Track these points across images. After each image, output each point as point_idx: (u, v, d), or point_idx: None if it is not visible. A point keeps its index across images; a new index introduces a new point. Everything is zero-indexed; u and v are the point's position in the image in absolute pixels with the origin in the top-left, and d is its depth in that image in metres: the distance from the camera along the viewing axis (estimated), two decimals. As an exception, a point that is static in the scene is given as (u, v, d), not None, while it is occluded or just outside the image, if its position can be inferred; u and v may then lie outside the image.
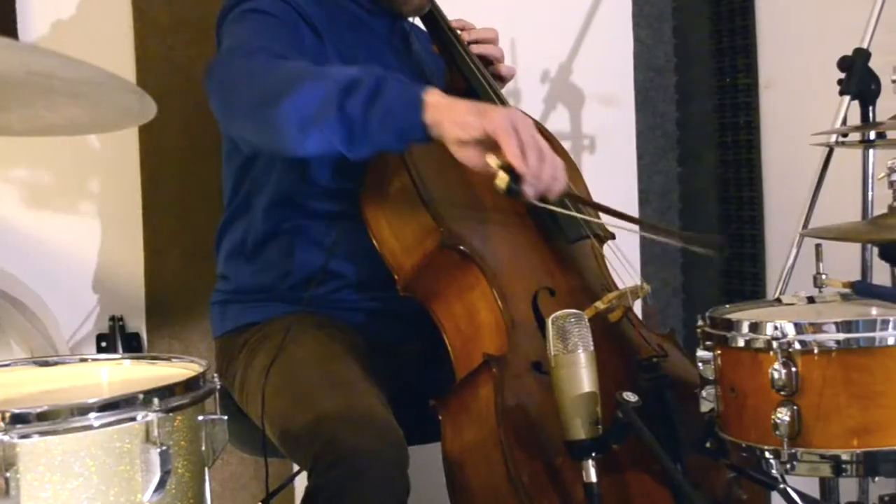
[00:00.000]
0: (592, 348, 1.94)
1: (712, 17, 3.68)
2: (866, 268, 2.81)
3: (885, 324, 1.86)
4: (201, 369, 1.75)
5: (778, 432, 1.87)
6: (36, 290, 2.92)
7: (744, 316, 2.03)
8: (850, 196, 2.80)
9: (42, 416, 1.51)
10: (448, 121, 2.01)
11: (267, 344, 2.34)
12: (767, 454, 1.91)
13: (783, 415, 1.86)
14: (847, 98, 2.72)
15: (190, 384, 1.68)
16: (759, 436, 1.92)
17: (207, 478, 1.73)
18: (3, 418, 1.49)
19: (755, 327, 1.93)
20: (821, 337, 1.87)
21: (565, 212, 2.23)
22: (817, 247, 2.20)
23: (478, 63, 2.55)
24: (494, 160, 2.00)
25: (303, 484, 2.06)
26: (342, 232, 2.38)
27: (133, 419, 1.57)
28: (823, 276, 2.20)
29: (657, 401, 2.08)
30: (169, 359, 1.91)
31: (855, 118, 2.73)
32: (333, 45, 2.40)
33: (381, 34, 2.54)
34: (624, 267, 2.37)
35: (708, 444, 2.03)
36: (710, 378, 2.00)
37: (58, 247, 2.99)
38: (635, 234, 2.46)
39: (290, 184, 2.40)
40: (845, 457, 1.86)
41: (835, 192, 2.80)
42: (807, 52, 3.38)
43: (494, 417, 2.05)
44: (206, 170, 2.75)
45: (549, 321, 1.95)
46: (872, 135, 2.62)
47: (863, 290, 2.16)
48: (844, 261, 2.68)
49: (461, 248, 2.23)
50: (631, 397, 1.91)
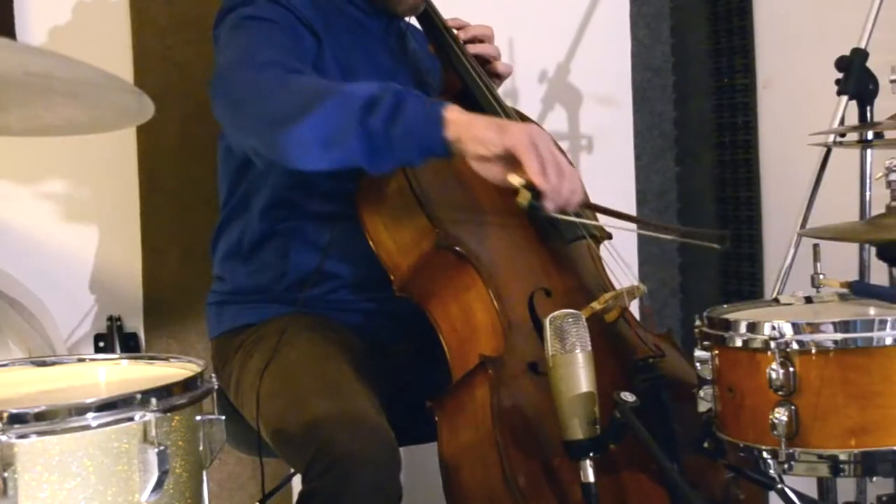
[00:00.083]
0: (590, 348, 1.94)
1: (710, 17, 3.68)
2: (864, 268, 2.81)
3: (882, 324, 1.85)
4: (199, 369, 1.75)
5: (776, 432, 1.87)
6: (34, 291, 2.92)
7: (741, 316, 2.03)
8: (848, 196, 2.80)
9: (40, 416, 1.51)
10: (469, 137, 2.04)
11: (262, 345, 2.35)
12: (765, 454, 1.91)
13: (781, 415, 1.86)
14: (845, 98, 2.71)
15: (188, 384, 1.68)
16: (756, 436, 1.92)
17: (205, 478, 1.73)
18: (0, 418, 1.49)
19: (753, 327, 1.93)
20: (818, 337, 1.87)
21: (563, 217, 2.23)
22: (815, 247, 2.20)
23: (473, 62, 2.55)
24: (517, 179, 2.04)
25: (300, 484, 2.06)
26: (338, 233, 2.38)
27: (131, 419, 1.57)
28: (821, 276, 2.19)
29: (654, 401, 2.08)
30: (167, 359, 1.91)
31: (853, 118, 2.72)
32: (330, 47, 2.40)
33: (377, 35, 2.54)
34: (620, 267, 2.37)
35: (706, 444, 2.02)
36: (708, 378, 2.00)
37: (56, 247, 2.98)
38: (633, 234, 2.46)
39: (286, 185, 2.40)
40: (843, 457, 1.86)
41: (833, 193, 2.80)
42: (804, 53, 3.38)
43: (490, 418, 2.05)
44: (204, 170, 2.75)
45: (547, 321, 1.95)
46: (870, 135, 2.62)
47: (860, 290, 2.16)
48: (842, 261, 2.68)
49: (457, 248, 2.23)
50: (628, 397, 1.91)
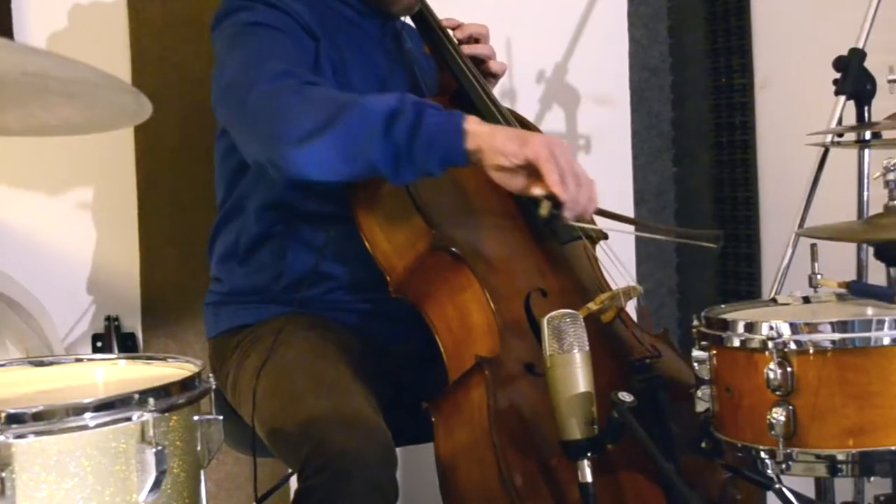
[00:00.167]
0: (588, 348, 1.94)
1: (707, 17, 3.68)
2: (862, 268, 2.81)
3: (880, 324, 1.85)
4: (197, 369, 1.75)
5: (773, 432, 1.87)
6: (32, 291, 2.92)
7: (739, 316, 2.03)
8: (846, 196, 2.80)
9: (38, 416, 1.51)
10: (489, 148, 2.08)
11: (259, 345, 2.35)
12: (763, 454, 1.91)
13: (778, 415, 1.86)
14: (842, 98, 2.71)
15: (185, 384, 1.68)
16: (754, 436, 1.92)
17: (203, 478, 1.73)
18: (-2, 418, 1.49)
19: (750, 327, 1.93)
20: (816, 337, 1.87)
21: (579, 224, 2.24)
22: (813, 247, 2.20)
23: (468, 63, 2.55)
24: (540, 190, 2.09)
25: (296, 484, 2.06)
26: (334, 234, 2.38)
27: (128, 419, 1.57)
28: (819, 276, 2.19)
29: (651, 401, 2.08)
30: (164, 359, 1.91)
31: (850, 118, 2.72)
32: (325, 48, 2.40)
33: (372, 35, 2.54)
34: (617, 268, 2.37)
35: (703, 444, 2.02)
36: (706, 378, 2.00)
37: (53, 247, 2.98)
38: (630, 234, 2.46)
39: (282, 186, 2.39)
40: (841, 457, 1.86)
41: (830, 193, 2.80)
42: (802, 52, 3.38)
43: (487, 419, 2.05)
44: (201, 170, 2.75)
45: (545, 321, 1.95)
46: (868, 135, 2.62)
47: (858, 290, 2.16)
48: (840, 261, 2.68)
49: (453, 249, 2.23)
50: (626, 397, 1.91)
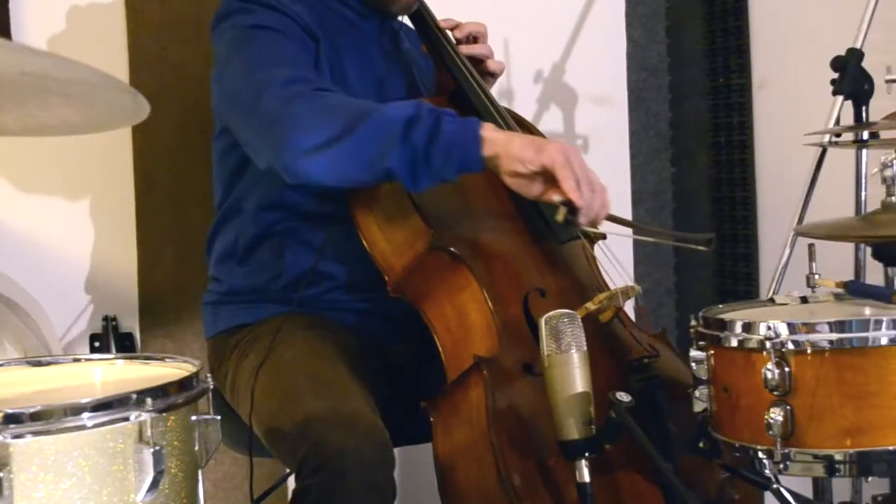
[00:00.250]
0: (586, 348, 1.94)
1: (706, 18, 3.68)
2: (859, 268, 2.81)
3: (878, 324, 1.85)
4: (195, 369, 1.75)
5: (771, 432, 1.87)
6: (29, 291, 2.91)
7: (737, 316, 2.03)
8: (844, 196, 2.80)
9: (35, 416, 1.50)
10: (506, 155, 2.11)
11: (257, 345, 2.35)
12: (760, 454, 1.91)
13: (776, 415, 1.86)
14: (840, 98, 2.71)
15: (183, 384, 1.68)
16: (752, 436, 1.92)
17: (201, 478, 1.73)
18: (-4, 418, 1.49)
19: (748, 327, 1.93)
20: (814, 337, 1.87)
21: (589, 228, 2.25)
22: (810, 247, 2.20)
23: (466, 63, 2.55)
24: (557, 196, 2.12)
25: (294, 484, 2.06)
26: (333, 233, 2.38)
27: (126, 419, 1.56)
28: (816, 276, 2.20)
29: (649, 401, 2.08)
30: (162, 359, 1.90)
31: (848, 118, 2.72)
32: (325, 49, 2.40)
33: (370, 35, 2.54)
34: (615, 268, 2.37)
35: (701, 444, 2.02)
36: (704, 378, 2.00)
37: (51, 247, 2.98)
38: (628, 233, 2.46)
39: (281, 186, 2.38)
40: (838, 457, 1.86)
41: (828, 193, 2.80)
42: (800, 53, 3.38)
43: (485, 419, 2.05)
44: (199, 169, 2.75)
45: (543, 321, 1.95)
46: (866, 135, 2.61)
47: (856, 289, 2.16)
48: (838, 261, 2.67)
49: (451, 249, 2.23)
50: (624, 397, 1.91)
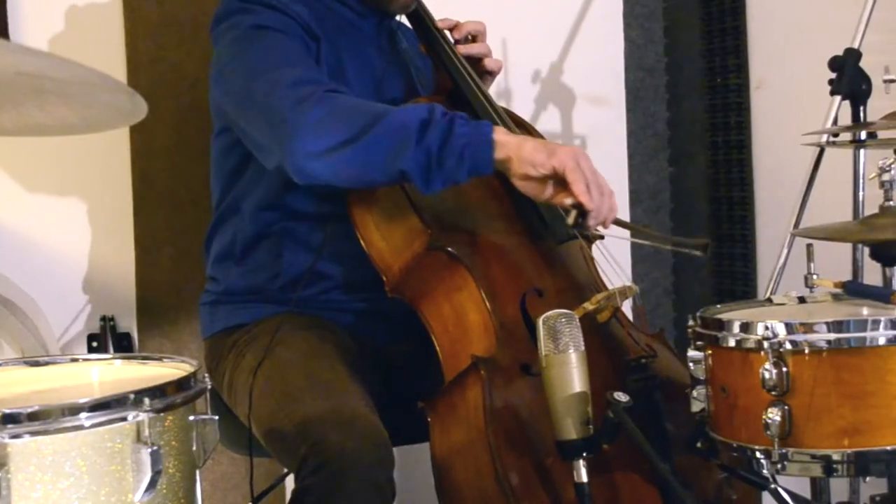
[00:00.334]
0: (583, 348, 1.94)
1: (703, 18, 3.68)
2: (857, 268, 2.81)
3: (875, 324, 1.86)
4: (192, 369, 1.75)
5: (769, 432, 1.87)
6: (27, 291, 2.91)
7: (735, 316, 2.03)
8: (842, 196, 2.80)
9: (33, 416, 1.51)
10: (517, 158, 2.13)
11: (255, 345, 2.35)
12: (758, 454, 1.91)
13: (774, 415, 1.86)
14: (838, 98, 2.71)
15: (181, 384, 1.68)
16: (749, 436, 1.92)
17: (198, 478, 1.73)
18: (-7, 418, 1.49)
19: (746, 327, 1.93)
20: (812, 337, 1.87)
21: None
22: (808, 247, 2.20)
23: (464, 63, 2.55)
24: (569, 199, 2.13)
25: (293, 484, 2.06)
26: (331, 233, 2.38)
27: (124, 419, 1.57)
28: (814, 277, 2.20)
29: (646, 401, 2.08)
30: (160, 359, 1.91)
31: (846, 118, 2.72)
32: (324, 49, 2.40)
33: (368, 35, 2.54)
34: (612, 268, 2.37)
35: (699, 444, 2.02)
36: (701, 378, 2.00)
37: (49, 247, 2.98)
38: (626, 233, 2.46)
39: (279, 186, 2.39)
40: (836, 457, 1.86)
41: (826, 193, 2.80)
42: (797, 53, 3.38)
43: (482, 419, 2.05)
44: (197, 169, 2.75)
45: (540, 321, 1.95)
46: (863, 135, 2.61)
47: (854, 290, 2.16)
48: (835, 261, 2.68)
49: (449, 249, 2.23)
50: (621, 397, 1.91)
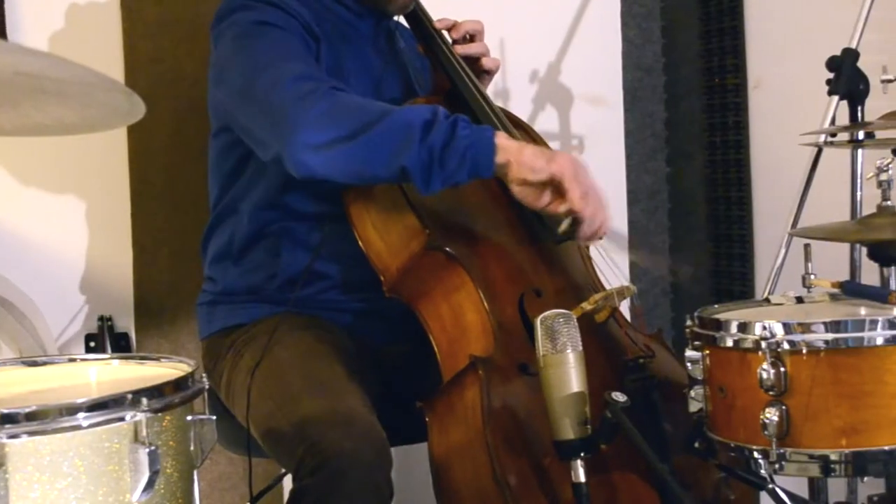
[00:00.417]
0: (581, 348, 1.94)
1: (701, 17, 3.68)
2: (855, 268, 2.81)
3: (873, 324, 1.86)
4: (190, 369, 1.75)
5: (766, 432, 1.87)
6: (25, 291, 2.91)
7: (732, 316, 2.03)
8: (839, 196, 2.80)
9: (31, 416, 1.51)
10: (517, 163, 2.15)
11: (253, 345, 2.34)
12: (756, 454, 1.91)
13: (772, 415, 1.86)
14: (836, 98, 2.71)
15: (179, 384, 1.68)
16: (747, 436, 1.92)
17: (196, 478, 1.73)
18: (-9, 418, 1.49)
19: (744, 327, 1.93)
20: (809, 337, 1.87)
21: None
22: (806, 247, 2.20)
23: (462, 63, 2.55)
24: (564, 207, 2.15)
25: (290, 485, 2.06)
26: (329, 233, 2.38)
27: (122, 419, 1.57)
28: (812, 277, 2.20)
29: (644, 401, 2.08)
30: (158, 359, 1.91)
31: (843, 118, 2.72)
32: (324, 49, 2.40)
33: (366, 35, 2.54)
34: (610, 267, 2.37)
35: (696, 444, 2.02)
36: (699, 378, 2.00)
37: (47, 247, 2.98)
38: (624, 232, 2.47)
39: (277, 186, 2.39)
40: (834, 457, 1.86)
41: (824, 192, 2.80)
42: (795, 53, 3.38)
43: (480, 419, 2.05)
44: (195, 169, 2.74)
45: (538, 321, 1.95)
46: (861, 135, 2.61)
47: (852, 290, 2.16)
48: (833, 261, 2.68)
49: (447, 249, 2.23)
50: (619, 397, 1.91)
